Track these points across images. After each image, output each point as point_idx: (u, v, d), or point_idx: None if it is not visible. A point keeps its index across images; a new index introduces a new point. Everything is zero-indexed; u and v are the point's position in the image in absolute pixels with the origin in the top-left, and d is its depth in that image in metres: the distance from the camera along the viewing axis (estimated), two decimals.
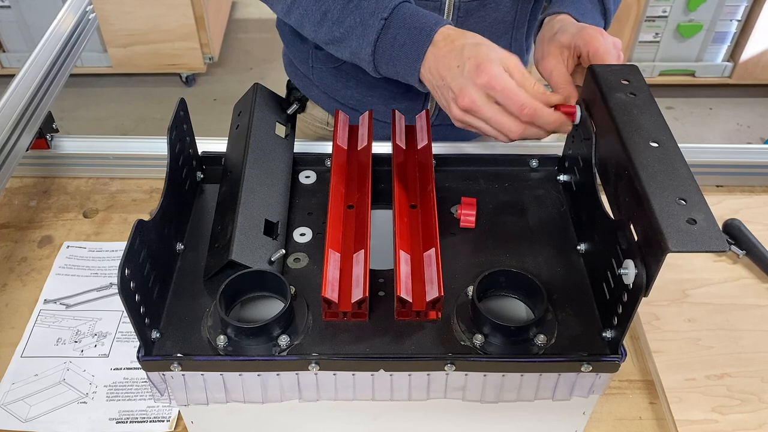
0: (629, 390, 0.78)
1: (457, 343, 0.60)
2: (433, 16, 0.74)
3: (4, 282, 0.88)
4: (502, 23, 0.91)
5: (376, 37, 0.75)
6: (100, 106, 2.72)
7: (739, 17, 2.53)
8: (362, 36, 0.76)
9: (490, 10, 0.87)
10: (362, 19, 0.75)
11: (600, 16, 0.86)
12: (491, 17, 0.89)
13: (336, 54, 0.82)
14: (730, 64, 2.66)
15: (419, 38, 0.73)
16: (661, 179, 0.53)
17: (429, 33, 0.72)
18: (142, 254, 0.58)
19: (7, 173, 0.88)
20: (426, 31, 0.72)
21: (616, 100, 0.61)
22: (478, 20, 0.87)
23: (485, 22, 0.88)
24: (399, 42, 0.74)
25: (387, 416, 0.67)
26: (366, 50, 0.76)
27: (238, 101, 0.81)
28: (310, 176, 0.78)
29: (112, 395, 0.76)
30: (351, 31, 0.77)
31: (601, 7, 0.86)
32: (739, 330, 0.82)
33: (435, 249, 0.64)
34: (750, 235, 0.91)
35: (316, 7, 0.79)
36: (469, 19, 0.87)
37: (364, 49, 0.76)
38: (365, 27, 0.75)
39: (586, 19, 0.81)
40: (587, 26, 0.76)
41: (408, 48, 0.73)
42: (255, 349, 0.59)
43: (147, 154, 1.02)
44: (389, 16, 0.74)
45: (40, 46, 1.05)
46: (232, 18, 3.15)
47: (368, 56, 0.76)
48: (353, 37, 0.77)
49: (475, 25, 0.87)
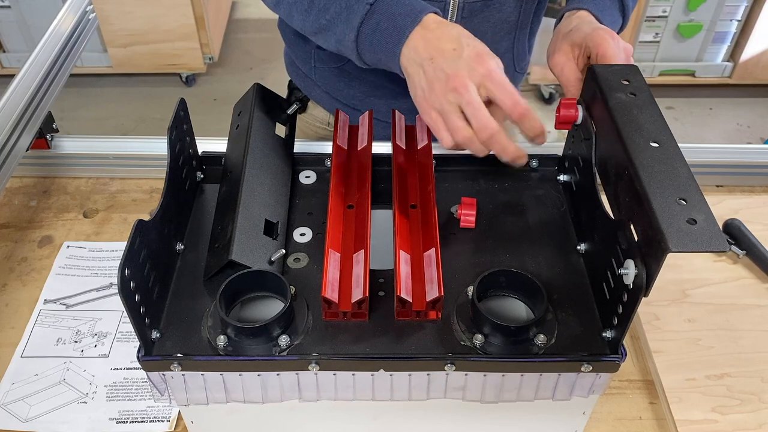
0: (629, 390, 0.78)
1: (457, 343, 0.60)
2: (420, 3, 0.73)
3: (4, 282, 0.88)
4: (506, 23, 0.91)
5: (360, 21, 0.73)
6: (100, 106, 2.72)
7: (739, 17, 2.53)
8: (346, 21, 0.74)
9: (494, 10, 0.87)
10: (348, 4, 0.74)
11: (618, 13, 0.85)
12: (495, 17, 0.89)
13: (324, 45, 0.81)
14: (730, 64, 2.66)
15: (404, 22, 0.71)
16: (661, 179, 0.53)
17: (416, 16, 0.71)
18: (142, 254, 0.58)
19: (7, 173, 0.88)
20: (413, 15, 0.71)
21: (617, 100, 0.61)
22: (482, 20, 0.88)
23: (489, 22, 0.88)
24: (382, 27, 0.72)
25: (387, 416, 0.67)
26: (349, 36, 0.74)
27: (238, 101, 0.81)
28: (310, 176, 0.78)
29: (112, 395, 0.76)
30: (336, 17, 0.75)
31: (619, 4, 0.85)
32: (739, 330, 0.82)
33: (435, 249, 0.64)
34: (750, 235, 0.91)
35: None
36: (473, 19, 0.87)
37: (348, 35, 0.75)
38: (350, 12, 0.74)
39: (605, 16, 0.81)
40: (601, 27, 0.76)
41: (391, 32, 0.72)
42: (255, 349, 0.59)
43: (147, 154, 1.02)
44: (375, 1, 0.73)
45: (40, 46, 1.05)
46: (232, 18, 3.15)
47: (351, 42, 0.75)
48: (338, 23, 0.75)
49: (479, 25, 0.87)
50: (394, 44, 0.72)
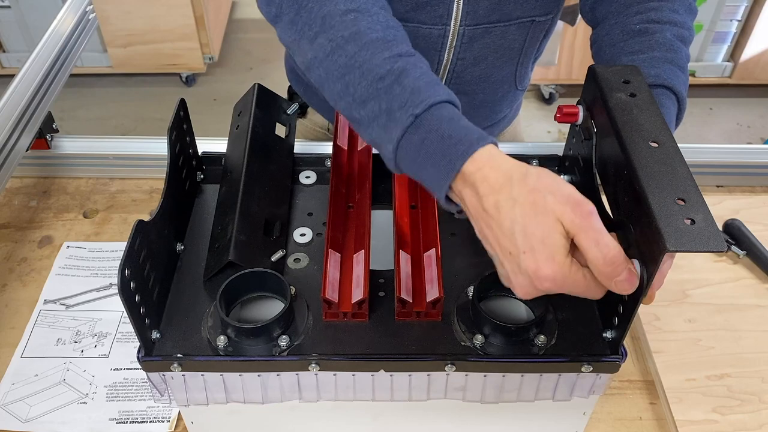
0: (629, 390, 0.78)
1: (457, 343, 0.60)
2: (476, 129, 0.58)
3: (4, 282, 0.88)
4: (509, 50, 0.86)
5: (401, 134, 0.58)
6: (100, 106, 2.72)
7: (739, 17, 2.52)
8: (384, 128, 0.60)
9: (495, 37, 0.83)
10: (389, 107, 0.59)
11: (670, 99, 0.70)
12: (496, 44, 0.84)
13: (354, 128, 0.66)
14: (730, 64, 2.66)
15: (454, 150, 0.56)
16: (661, 179, 0.53)
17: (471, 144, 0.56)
18: (142, 254, 0.58)
19: (7, 173, 0.88)
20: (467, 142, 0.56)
21: (616, 101, 0.61)
22: (482, 47, 0.84)
23: (489, 48, 0.85)
24: (427, 147, 0.58)
25: (387, 416, 0.67)
26: (387, 147, 0.60)
27: (238, 101, 0.81)
28: (310, 176, 0.78)
29: (112, 395, 0.76)
30: (374, 118, 0.61)
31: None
32: (740, 330, 0.82)
33: (435, 249, 0.64)
34: (750, 236, 0.91)
35: (338, 75, 0.62)
36: (474, 45, 0.83)
37: (386, 145, 0.60)
38: (390, 118, 0.59)
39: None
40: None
41: (438, 158, 0.57)
42: (255, 349, 0.59)
43: (147, 154, 1.02)
44: (422, 114, 0.58)
45: (40, 46, 1.05)
46: (232, 18, 3.14)
47: (390, 153, 0.60)
48: (374, 126, 0.61)
49: (479, 51, 0.84)
50: (445, 171, 0.56)
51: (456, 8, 0.78)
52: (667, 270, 0.57)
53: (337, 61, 0.62)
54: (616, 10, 0.76)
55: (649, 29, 0.73)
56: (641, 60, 0.70)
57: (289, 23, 0.67)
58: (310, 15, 0.65)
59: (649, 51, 0.71)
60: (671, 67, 0.70)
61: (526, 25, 0.83)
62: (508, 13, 0.80)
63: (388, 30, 0.64)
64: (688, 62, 0.72)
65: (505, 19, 0.81)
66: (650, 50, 0.71)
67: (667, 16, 0.73)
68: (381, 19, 0.65)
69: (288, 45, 0.69)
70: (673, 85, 0.68)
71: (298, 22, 0.66)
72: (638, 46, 0.72)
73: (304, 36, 0.66)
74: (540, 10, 0.82)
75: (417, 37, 0.81)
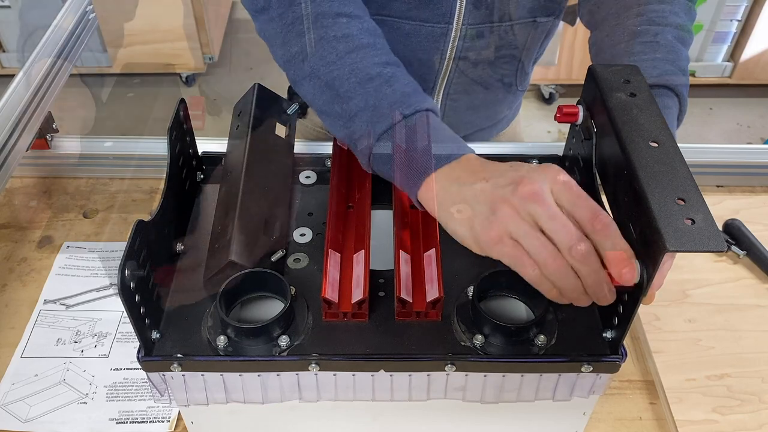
0: (629, 390, 0.78)
1: (457, 343, 0.60)
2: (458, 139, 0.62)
3: (4, 282, 0.88)
4: (511, 50, 0.88)
5: (384, 129, 0.61)
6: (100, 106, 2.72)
7: (739, 17, 2.53)
8: (368, 122, 0.62)
9: (497, 37, 0.84)
10: (376, 104, 0.62)
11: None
12: (498, 44, 0.85)
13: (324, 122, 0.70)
14: (730, 64, 2.66)
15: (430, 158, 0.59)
16: (660, 179, 0.53)
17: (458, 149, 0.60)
18: (142, 254, 0.58)
19: (7, 173, 0.88)
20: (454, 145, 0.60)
21: (616, 100, 0.61)
22: (484, 46, 0.84)
23: (491, 48, 0.85)
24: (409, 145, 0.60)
25: (387, 416, 0.67)
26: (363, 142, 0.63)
27: (238, 101, 0.81)
28: (310, 176, 0.77)
29: (112, 395, 0.76)
30: (356, 113, 0.63)
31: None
32: (740, 330, 0.82)
33: (435, 249, 0.64)
34: (750, 236, 0.91)
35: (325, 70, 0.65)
36: (476, 44, 0.84)
37: (363, 140, 0.63)
38: (376, 114, 0.62)
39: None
40: None
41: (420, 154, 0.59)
42: (255, 349, 0.59)
43: (147, 154, 1.02)
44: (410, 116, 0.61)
45: (40, 46, 1.05)
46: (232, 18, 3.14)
47: (366, 149, 0.63)
48: (355, 120, 0.64)
49: (481, 51, 0.85)
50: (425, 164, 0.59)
51: (459, 6, 0.78)
52: (667, 270, 0.58)
53: (326, 57, 0.65)
54: (616, 12, 0.76)
55: (651, 31, 0.73)
56: (643, 61, 0.71)
57: (277, 16, 0.69)
58: (303, 11, 0.68)
59: (651, 52, 0.71)
60: (673, 69, 0.70)
61: (529, 26, 0.83)
62: (511, 13, 0.80)
63: (376, 38, 0.68)
64: (688, 65, 0.73)
65: (508, 19, 0.81)
66: (652, 52, 0.71)
67: (668, 18, 0.73)
68: (370, 27, 0.68)
69: (269, 36, 0.72)
70: (675, 85, 0.68)
71: (288, 16, 0.68)
72: (640, 47, 0.72)
73: (293, 30, 0.68)
74: (543, 11, 0.82)
75: (419, 36, 0.81)
